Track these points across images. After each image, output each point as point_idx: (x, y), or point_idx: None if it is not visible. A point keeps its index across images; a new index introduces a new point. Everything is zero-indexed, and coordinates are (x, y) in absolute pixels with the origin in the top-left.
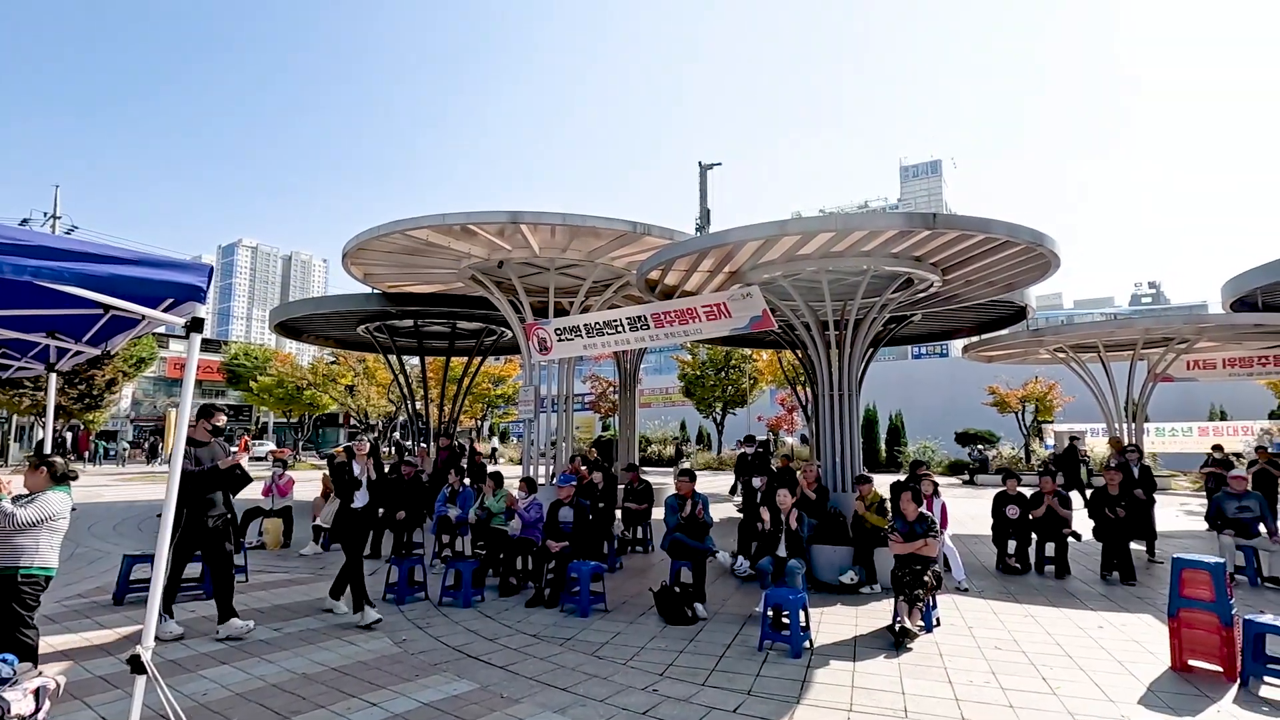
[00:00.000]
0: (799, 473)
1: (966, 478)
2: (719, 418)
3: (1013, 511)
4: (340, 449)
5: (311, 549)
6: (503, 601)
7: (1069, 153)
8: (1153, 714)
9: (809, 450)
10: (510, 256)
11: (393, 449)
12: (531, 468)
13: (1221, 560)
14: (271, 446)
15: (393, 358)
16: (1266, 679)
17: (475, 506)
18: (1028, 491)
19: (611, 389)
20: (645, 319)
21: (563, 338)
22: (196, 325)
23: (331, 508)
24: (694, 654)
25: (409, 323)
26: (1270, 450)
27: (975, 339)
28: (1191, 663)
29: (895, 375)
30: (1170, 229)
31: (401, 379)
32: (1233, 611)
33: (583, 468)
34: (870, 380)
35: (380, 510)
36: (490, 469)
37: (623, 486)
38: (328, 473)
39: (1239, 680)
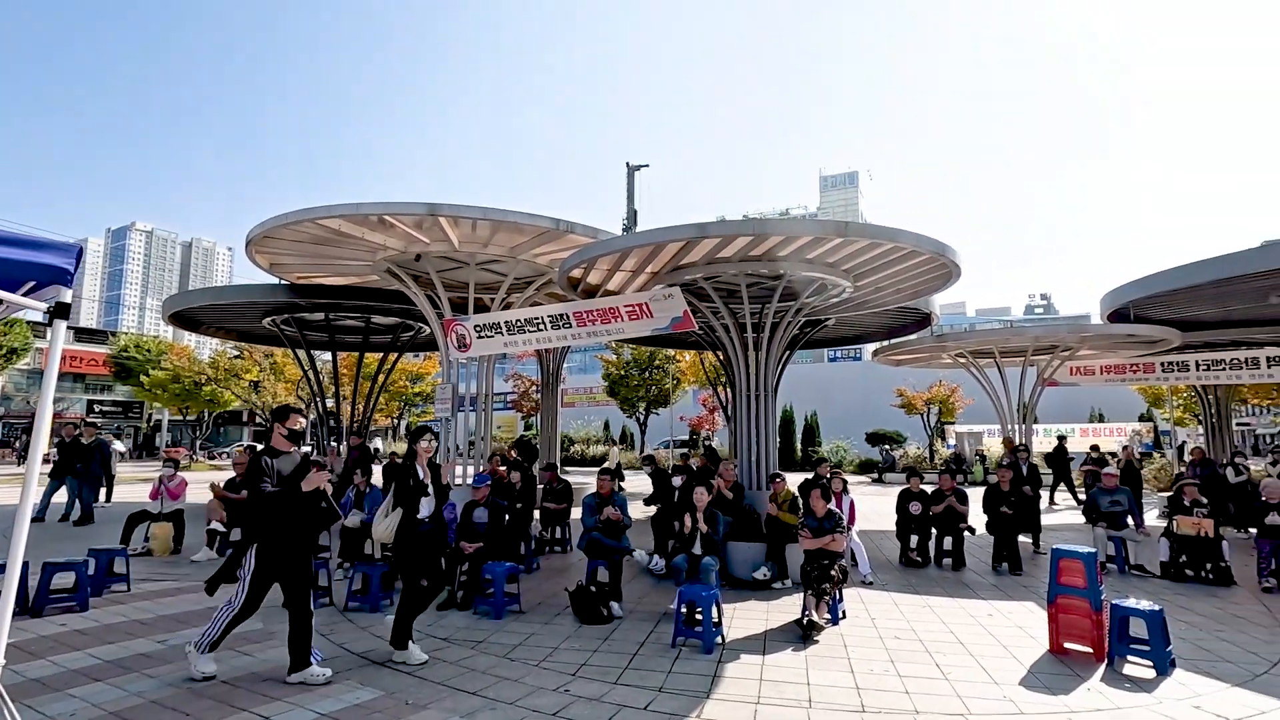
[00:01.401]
0: (717, 472)
1: (876, 476)
2: (642, 417)
3: (915, 508)
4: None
5: (205, 555)
6: None
7: (977, 171)
8: (1031, 694)
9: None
10: (428, 250)
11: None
12: (448, 468)
13: (1094, 550)
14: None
15: (302, 352)
16: (1129, 658)
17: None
18: (930, 489)
19: (534, 388)
20: (567, 317)
21: (482, 335)
22: (61, 311)
23: (391, 523)
24: (608, 653)
25: (320, 316)
26: (1138, 450)
27: (885, 343)
28: (1067, 645)
29: (812, 377)
30: (1062, 244)
31: (311, 375)
32: (1102, 597)
33: (501, 467)
34: (788, 382)
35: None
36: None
37: (542, 486)
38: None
39: (1106, 660)
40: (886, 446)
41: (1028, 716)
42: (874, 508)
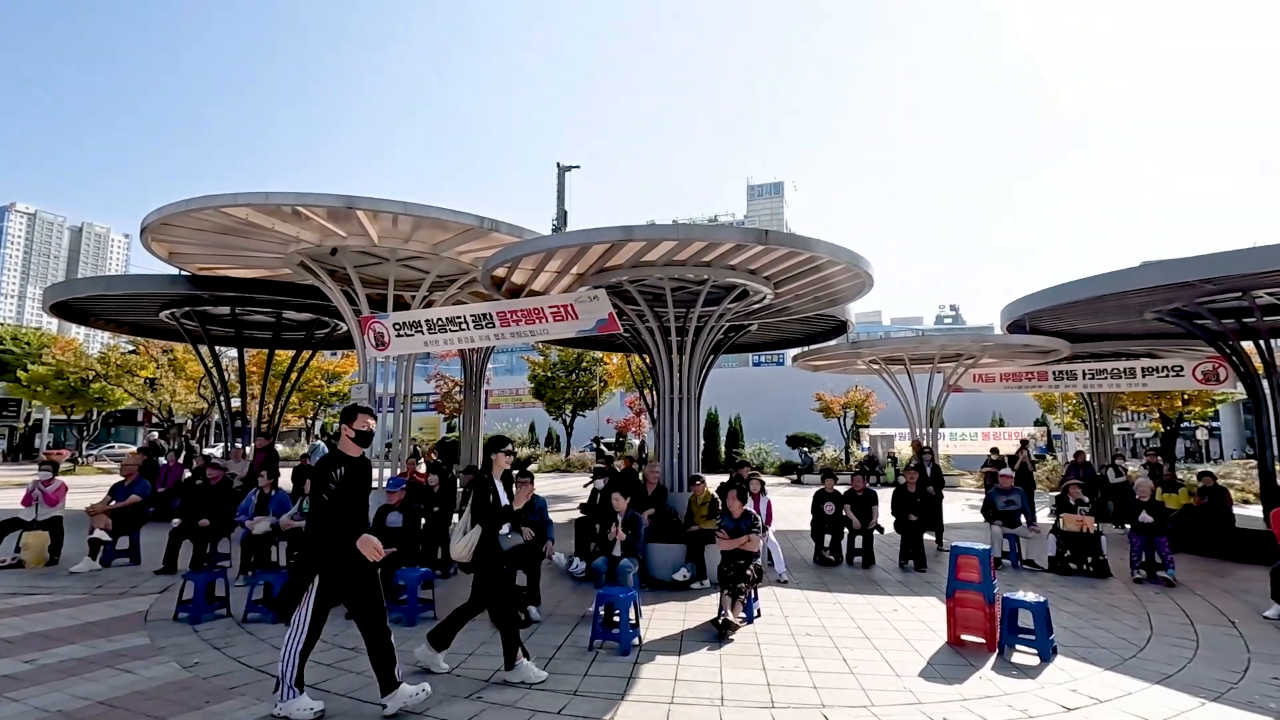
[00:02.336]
0: (641, 474)
1: (795, 477)
2: (568, 420)
3: (829, 508)
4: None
5: (86, 565)
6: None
7: (896, 186)
8: (929, 684)
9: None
10: (345, 244)
11: (182, 451)
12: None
13: (988, 547)
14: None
15: (204, 348)
16: (1018, 647)
17: (293, 511)
18: (844, 489)
19: (457, 389)
20: (490, 317)
21: (402, 333)
22: None
23: (470, 541)
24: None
25: (225, 310)
26: (1033, 453)
27: (805, 349)
28: (964, 637)
29: (736, 381)
30: (972, 258)
31: (215, 373)
32: (995, 591)
33: (419, 469)
34: (714, 385)
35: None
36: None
37: (462, 490)
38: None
39: (997, 649)
40: (805, 449)
41: (925, 705)
42: (792, 508)
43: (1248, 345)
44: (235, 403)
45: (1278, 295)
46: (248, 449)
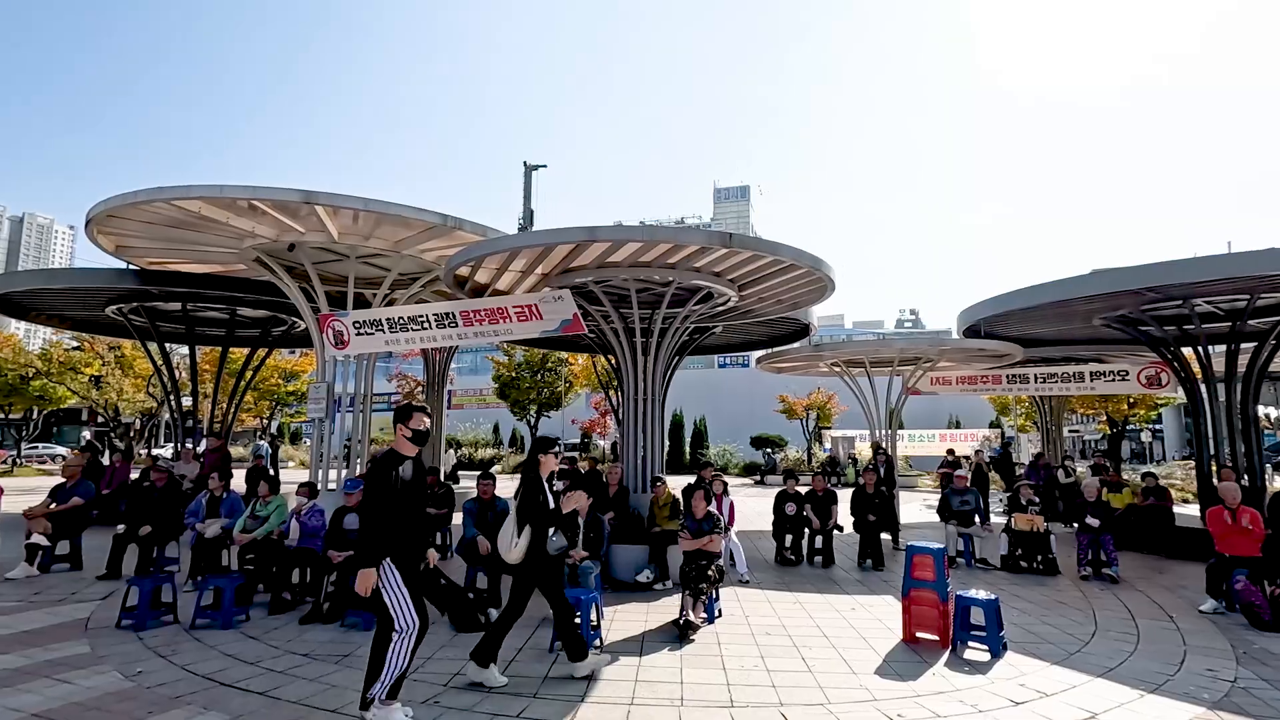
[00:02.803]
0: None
1: (758, 478)
2: (533, 420)
3: (790, 509)
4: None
5: (23, 571)
6: (273, 620)
7: (860, 193)
8: (885, 681)
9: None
10: (304, 240)
11: (111, 450)
12: (321, 472)
13: (943, 546)
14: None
15: (154, 345)
16: (970, 643)
17: (245, 515)
18: (805, 490)
19: (419, 389)
20: (454, 316)
21: (362, 331)
22: None
23: (522, 544)
24: None
25: (176, 306)
26: (988, 454)
27: (768, 351)
28: (919, 634)
29: (702, 382)
30: (932, 263)
31: (165, 370)
32: (948, 589)
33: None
34: (679, 386)
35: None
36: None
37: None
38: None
39: (950, 646)
40: (769, 450)
41: (880, 702)
42: (755, 509)
43: (1187, 351)
44: (186, 402)
45: (1215, 304)
46: (199, 449)
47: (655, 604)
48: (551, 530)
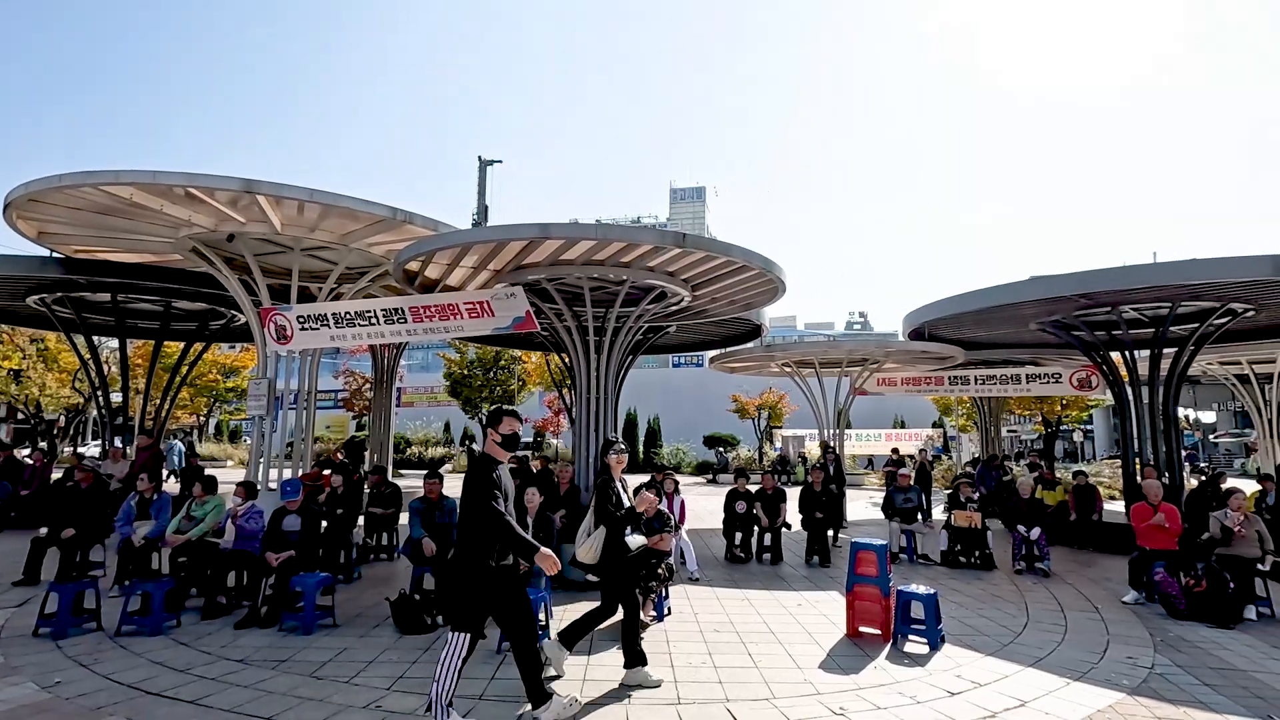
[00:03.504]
0: (554, 474)
1: (710, 477)
2: (485, 419)
3: (740, 507)
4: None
5: None
6: (206, 625)
7: (812, 196)
8: (828, 675)
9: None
10: (244, 230)
11: (33, 448)
12: (261, 471)
13: (885, 542)
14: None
15: (80, 338)
16: (910, 637)
17: (180, 517)
18: (755, 488)
19: (367, 386)
20: (403, 312)
21: (306, 326)
22: None
23: (595, 543)
24: (428, 663)
25: (105, 297)
26: (931, 453)
27: (721, 351)
28: (861, 629)
29: (656, 381)
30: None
31: (92, 365)
32: (890, 584)
33: (326, 471)
34: (634, 385)
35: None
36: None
37: (369, 490)
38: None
39: (892, 640)
40: (721, 449)
41: (823, 695)
42: (706, 507)
43: (1116, 356)
44: (116, 398)
45: (1141, 311)
46: (129, 448)
47: None
48: (628, 529)
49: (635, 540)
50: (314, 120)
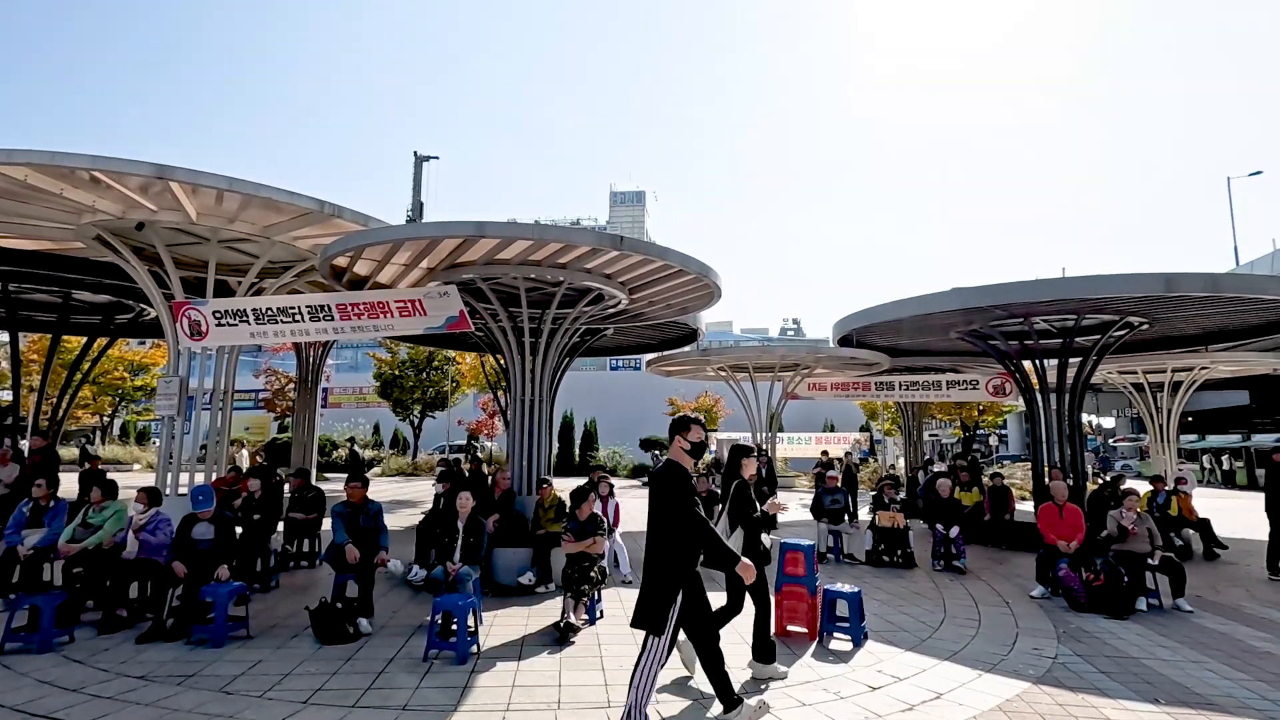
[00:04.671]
0: (491, 477)
1: (646, 480)
2: (417, 421)
3: None
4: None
5: None
6: (104, 640)
7: (748, 203)
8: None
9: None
10: (155, 219)
11: None
12: (170, 475)
13: (813, 543)
14: None
15: None
16: (835, 634)
17: (76, 524)
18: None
19: (290, 385)
20: (329, 309)
21: (223, 322)
22: None
23: (735, 545)
24: (349, 674)
25: None
26: (857, 456)
27: (658, 355)
28: (789, 627)
29: (592, 384)
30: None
31: None
32: (817, 583)
33: (243, 473)
34: (571, 388)
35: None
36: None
37: (290, 495)
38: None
39: (818, 638)
40: (658, 452)
41: (750, 694)
42: (642, 510)
43: (1028, 364)
44: (6, 395)
45: (1050, 322)
46: (21, 449)
47: (537, 607)
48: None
49: (767, 540)
50: (239, 108)
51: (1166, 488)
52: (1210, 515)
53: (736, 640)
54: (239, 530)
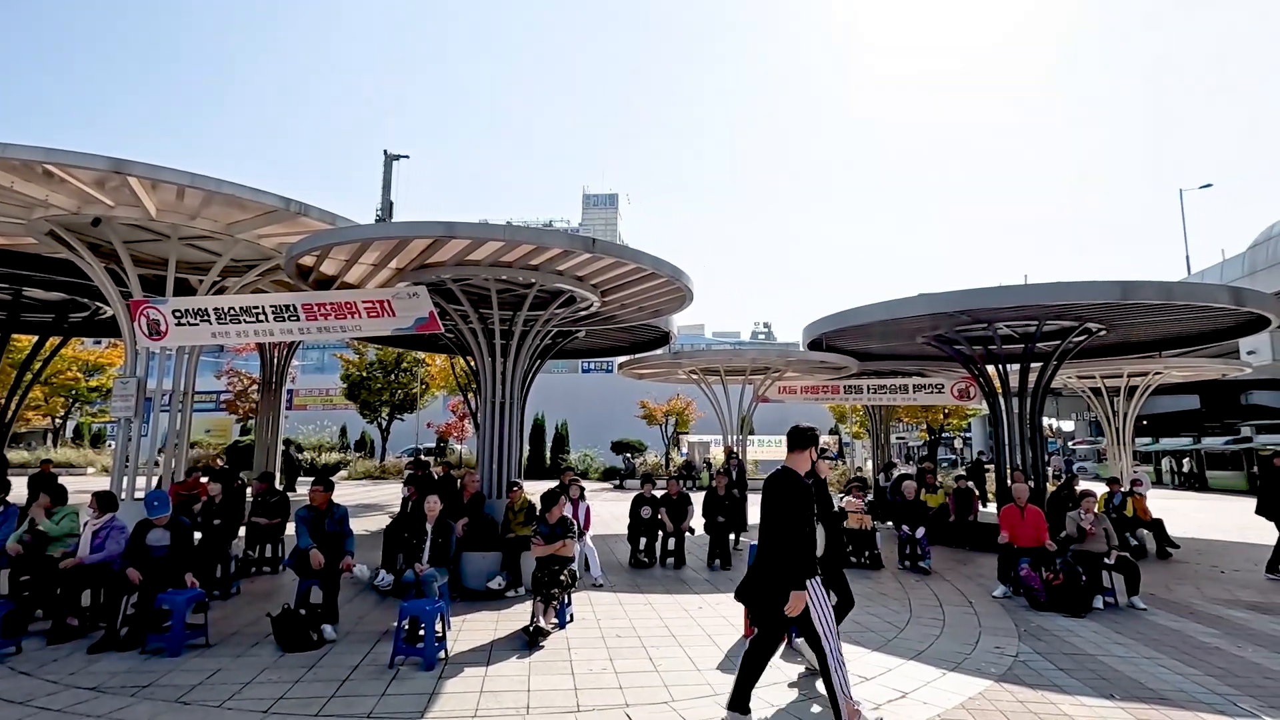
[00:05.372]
0: (459, 481)
1: (618, 482)
2: (385, 423)
3: (646, 512)
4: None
5: None
6: (53, 651)
7: (719, 208)
8: (726, 676)
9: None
10: (112, 214)
11: None
12: (126, 479)
13: None
14: None
15: None
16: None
17: (22, 531)
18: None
19: (254, 387)
20: (295, 309)
21: (184, 321)
22: None
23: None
24: (313, 681)
25: None
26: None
27: (630, 358)
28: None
29: (564, 387)
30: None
31: None
32: None
33: (203, 479)
34: (542, 390)
35: None
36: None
37: (253, 499)
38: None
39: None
40: (629, 455)
41: (720, 696)
42: (614, 512)
43: (991, 369)
44: None
45: (1013, 327)
46: None
47: (506, 611)
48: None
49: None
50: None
51: (1122, 489)
52: (1163, 515)
53: (707, 643)
54: (197, 536)
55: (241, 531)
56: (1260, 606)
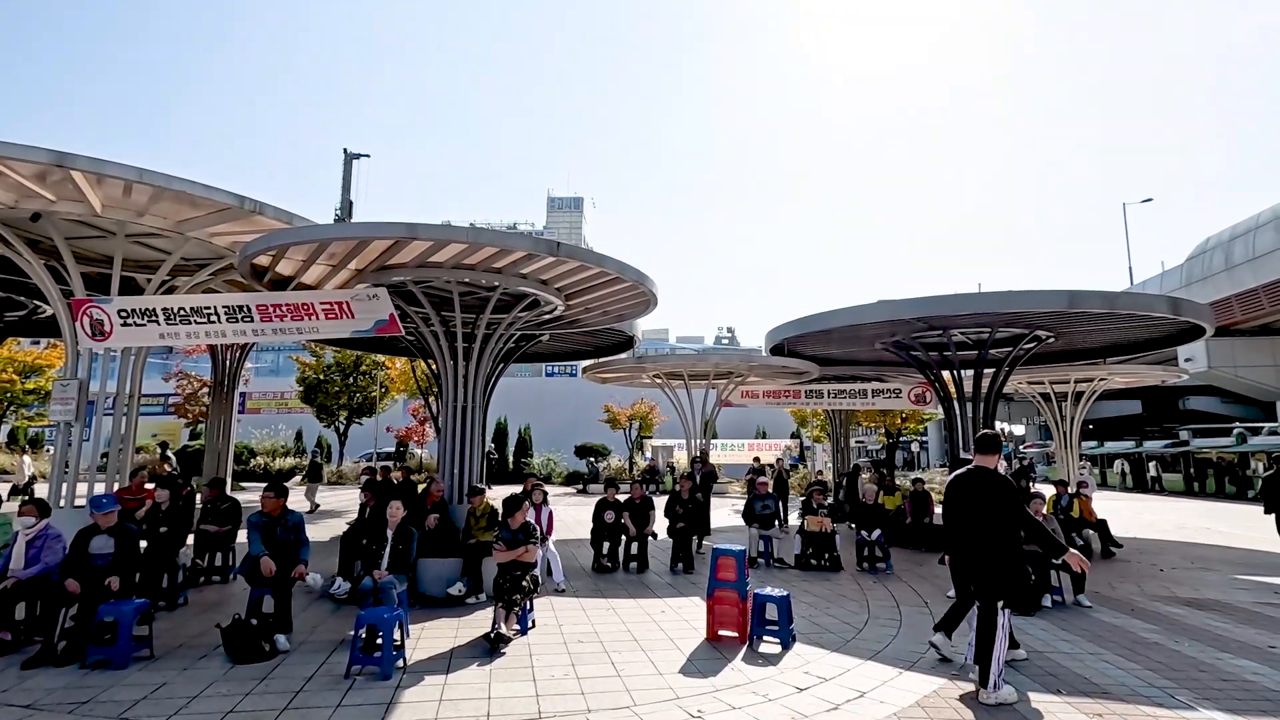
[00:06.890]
0: (426, 486)
1: (581, 487)
2: (343, 427)
3: (609, 516)
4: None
5: None
6: None
7: (684, 214)
8: (688, 679)
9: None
10: (54, 210)
11: None
12: (66, 486)
13: (743, 548)
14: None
15: None
16: (765, 637)
17: None
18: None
19: (204, 389)
20: (248, 310)
21: (130, 322)
22: None
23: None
24: (264, 694)
25: None
26: (788, 463)
27: (594, 362)
28: (721, 632)
29: (527, 391)
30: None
31: None
32: (748, 588)
33: (148, 484)
34: (505, 394)
35: None
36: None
37: (203, 505)
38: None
39: (748, 641)
40: (593, 459)
41: (682, 699)
42: (577, 517)
43: (946, 375)
44: None
45: (967, 334)
46: None
47: (467, 618)
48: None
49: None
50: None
51: (1069, 491)
52: (1108, 516)
53: (669, 647)
54: (143, 544)
55: (190, 539)
56: (1195, 603)
